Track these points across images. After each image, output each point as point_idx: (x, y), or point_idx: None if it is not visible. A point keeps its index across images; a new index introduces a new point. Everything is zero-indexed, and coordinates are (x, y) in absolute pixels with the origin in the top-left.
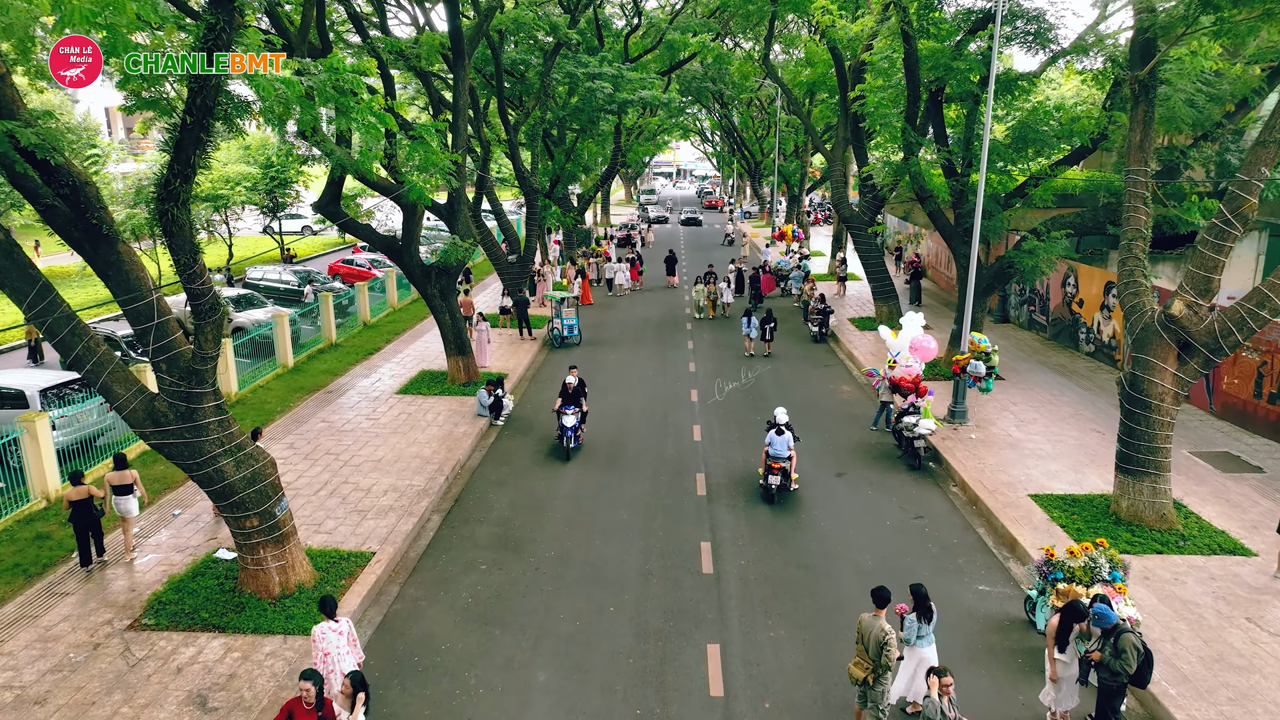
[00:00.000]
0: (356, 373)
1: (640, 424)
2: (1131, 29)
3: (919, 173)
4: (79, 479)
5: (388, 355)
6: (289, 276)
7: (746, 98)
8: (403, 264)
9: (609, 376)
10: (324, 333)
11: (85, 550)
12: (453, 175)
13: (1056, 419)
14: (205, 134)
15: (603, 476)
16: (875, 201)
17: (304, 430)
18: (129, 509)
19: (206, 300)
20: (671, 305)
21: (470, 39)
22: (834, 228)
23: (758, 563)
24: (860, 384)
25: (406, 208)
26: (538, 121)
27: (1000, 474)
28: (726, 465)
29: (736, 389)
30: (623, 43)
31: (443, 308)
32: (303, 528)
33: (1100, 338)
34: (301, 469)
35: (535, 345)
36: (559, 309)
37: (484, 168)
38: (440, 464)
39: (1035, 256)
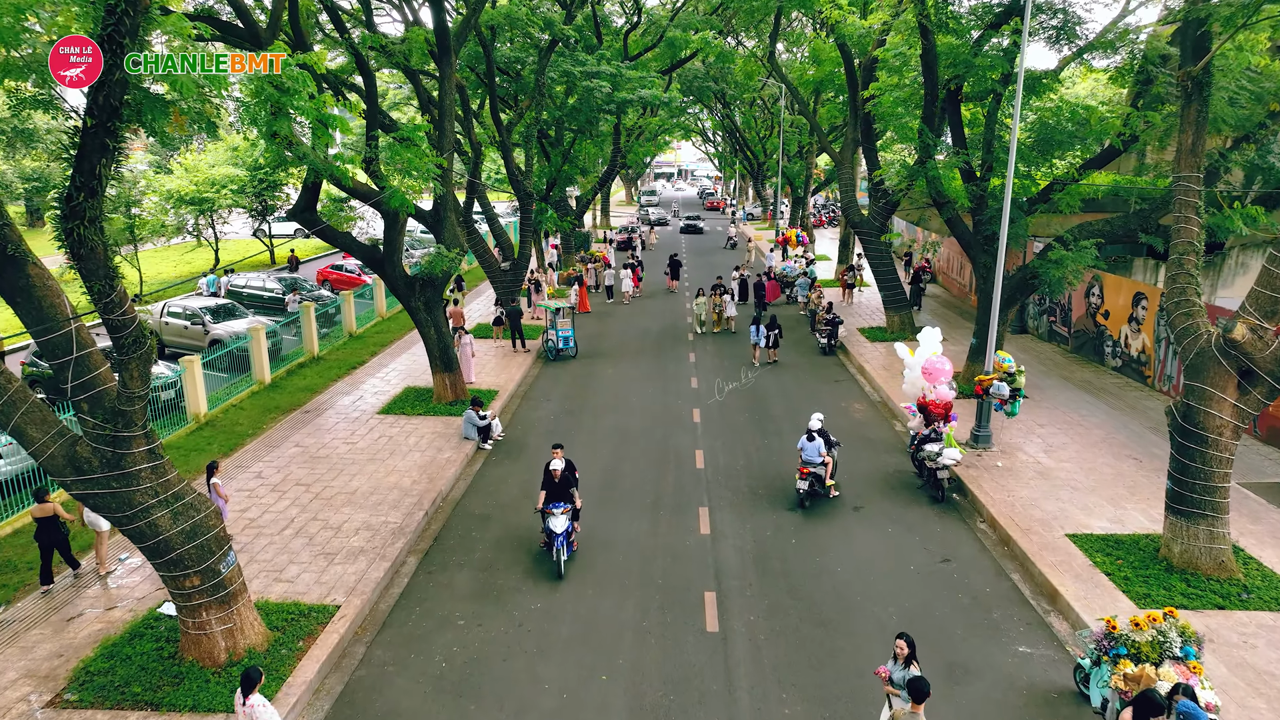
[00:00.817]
0: (338, 390)
1: (639, 449)
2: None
3: (936, 177)
4: (43, 496)
5: (372, 370)
6: (272, 284)
7: (750, 97)
8: (385, 275)
9: (606, 394)
10: (305, 345)
11: (47, 569)
12: (438, 179)
13: (1088, 444)
14: (113, 140)
15: (596, 512)
16: (887, 207)
17: (275, 457)
18: (99, 523)
19: (129, 333)
20: (673, 314)
21: (457, 34)
22: (841, 232)
23: (769, 617)
24: (873, 402)
25: (388, 215)
26: (533, 122)
27: (1032, 509)
28: (732, 497)
29: (740, 408)
30: (622, 41)
31: (428, 321)
32: (261, 575)
33: (1128, 352)
34: (268, 502)
35: (529, 359)
36: (554, 320)
37: (475, 171)
38: (420, 496)
39: (1063, 267)
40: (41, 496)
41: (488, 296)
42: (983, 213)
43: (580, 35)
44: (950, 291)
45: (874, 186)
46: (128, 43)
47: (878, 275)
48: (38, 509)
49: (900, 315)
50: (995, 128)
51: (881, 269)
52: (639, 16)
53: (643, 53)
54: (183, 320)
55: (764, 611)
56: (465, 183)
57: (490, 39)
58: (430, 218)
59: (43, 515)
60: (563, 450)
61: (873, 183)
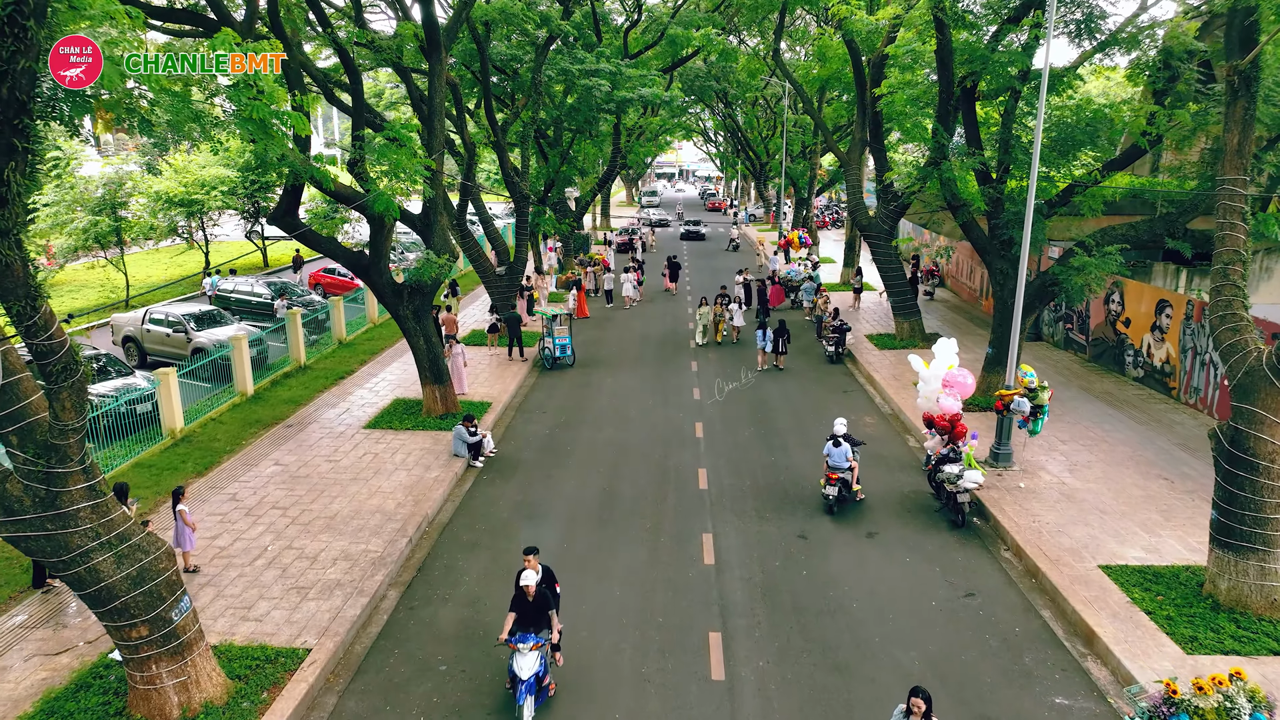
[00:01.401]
0: (323, 401)
1: (638, 467)
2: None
3: (952, 179)
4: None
5: (360, 380)
6: (261, 289)
7: (752, 97)
8: (371, 282)
9: (604, 406)
10: (291, 354)
11: (40, 571)
12: (428, 181)
13: (1114, 462)
14: (24, 140)
15: (593, 537)
16: (896, 209)
17: (252, 477)
18: None
19: (58, 359)
20: (674, 319)
21: (448, 29)
22: (846, 234)
23: (779, 662)
24: (885, 415)
25: (373, 219)
26: (529, 121)
27: (1060, 536)
28: (737, 522)
29: (745, 421)
30: (622, 39)
31: (416, 331)
32: (227, 614)
33: (1151, 362)
34: (240, 529)
35: (524, 368)
36: (550, 327)
37: (468, 172)
38: (405, 521)
39: (1086, 274)
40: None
41: (483, 302)
42: (999, 216)
43: (579, 33)
44: (960, 296)
45: (883, 188)
46: (32, 25)
47: (886, 280)
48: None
49: (910, 322)
50: (1012, 127)
51: (890, 274)
52: (639, 14)
53: (643, 51)
54: (164, 328)
55: (774, 655)
56: (459, 184)
57: (485, 35)
58: (419, 222)
59: None
60: (537, 556)
61: (882, 184)
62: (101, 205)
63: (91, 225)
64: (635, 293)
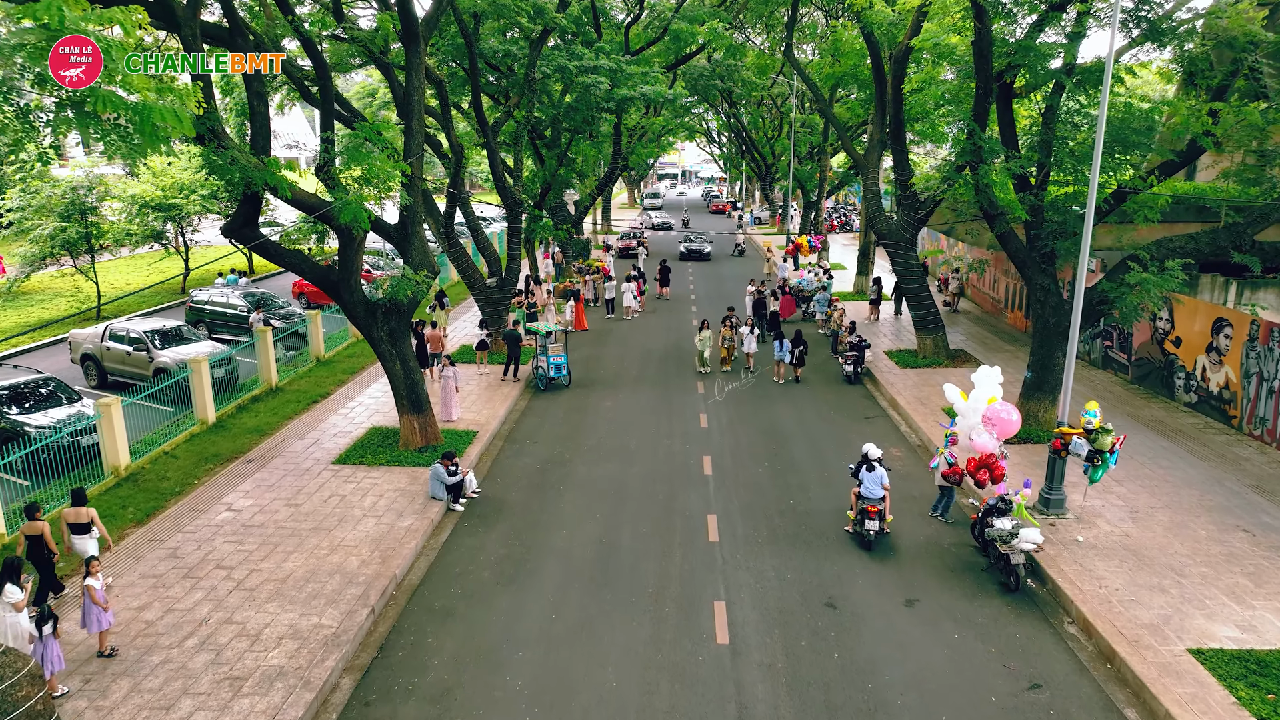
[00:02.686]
0: (292, 430)
1: (639, 513)
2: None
3: (989, 185)
4: (34, 513)
5: (336, 404)
6: (236, 300)
7: (758, 96)
8: (341, 301)
9: (602, 435)
10: (262, 375)
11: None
12: (405, 187)
13: (1181, 507)
14: None
15: (587, 605)
16: (918, 217)
17: (199, 526)
18: (86, 549)
19: None
20: (678, 333)
21: (427, 20)
22: (859, 241)
23: None
24: (913, 446)
25: (341, 232)
26: (523, 121)
27: (1135, 606)
28: (755, 585)
29: (759, 455)
30: (623, 35)
31: (392, 355)
32: (140, 716)
33: (1206, 387)
34: (175, 595)
35: (517, 389)
36: (544, 345)
37: (456, 176)
38: (368, 584)
39: (1144, 292)
40: (33, 513)
41: (474, 315)
42: (1040, 226)
43: (577, 28)
44: (981, 307)
45: (904, 193)
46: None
47: (908, 293)
48: (28, 526)
49: (933, 338)
50: (1055, 126)
51: (912, 285)
52: (641, 8)
53: (645, 47)
54: (124, 345)
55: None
56: (446, 189)
57: (474, 28)
58: (395, 233)
59: (32, 533)
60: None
61: (903, 189)
62: (69, 210)
63: (58, 231)
64: (636, 303)
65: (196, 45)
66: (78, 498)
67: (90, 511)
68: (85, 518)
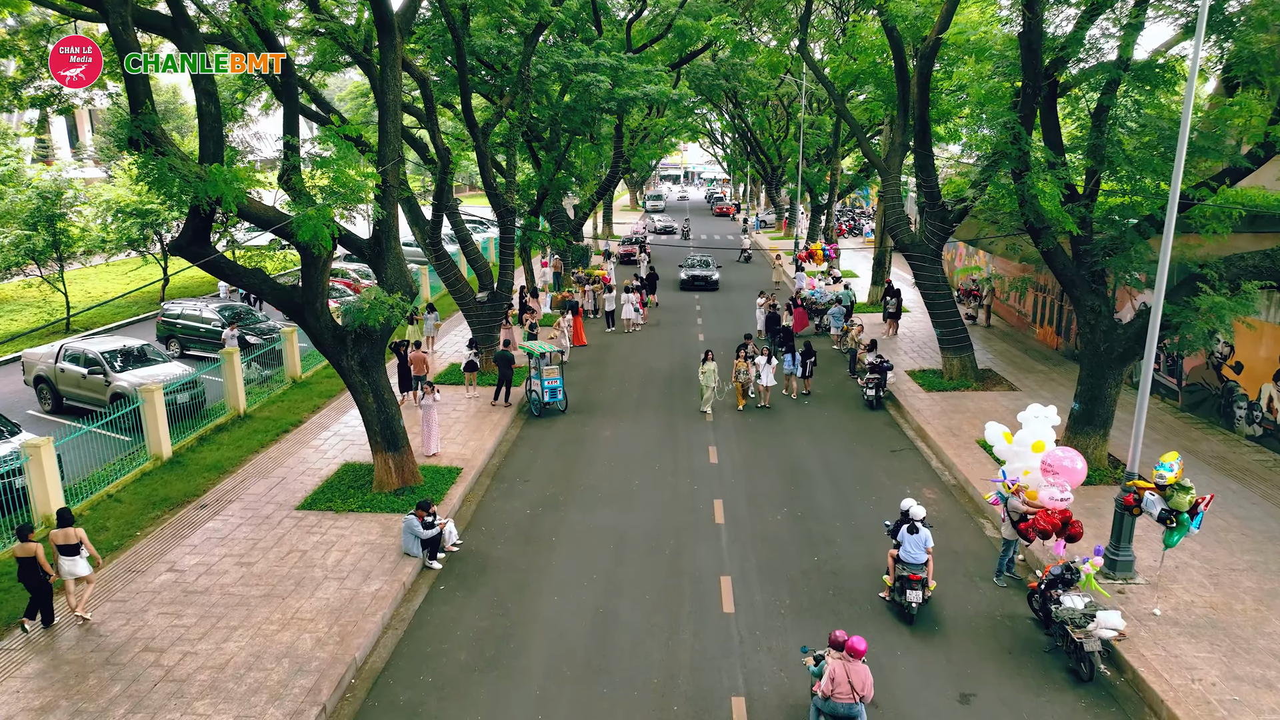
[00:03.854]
0: (256, 467)
1: (641, 573)
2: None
3: (1034, 195)
4: (26, 534)
5: (308, 434)
6: (210, 314)
7: (765, 96)
8: (306, 326)
9: (600, 471)
10: (229, 401)
11: (48, 608)
12: (378, 199)
13: (1270, 570)
14: None
15: (580, 703)
16: (943, 227)
17: (133, 592)
18: (75, 570)
19: None
20: (684, 349)
21: (405, 9)
22: (874, 248)
23: None
24: (947, 485)
25: (302, 250)
26: (516, 123)
27: (1241, 711)
28: (779, 673)
29: (777, 498)
30: (624, 32)
31: (364, 387)
32: None
33: (1274, 419)
34: (87, 692)
35: (508, 415)
36: (538, 366)
37: (442, 183)
38: (322, 672)
39: (1215, 317)
40: (25, 534)
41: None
42: (1090, 241)
43: (576, 23)
44: (1006, 321)
45: (930, 201)
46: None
47: (933, 308)
48: (20, 549)
49: (961, 359)
50: (1106, 128)
51: (938, 301)
52: (643, 4)
53: (648, 45)
54: (80, 366)
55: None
56: (434, 195)
57: (462, 20)
58: (368, 249)
59: (25, 555)
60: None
61: (929, 197)
62: (35, 217)
63: (22, 240)
64: (638, 316)
65: (128, 35)
66: (64, 518)
67: (78, 532)
68: (74, 538)
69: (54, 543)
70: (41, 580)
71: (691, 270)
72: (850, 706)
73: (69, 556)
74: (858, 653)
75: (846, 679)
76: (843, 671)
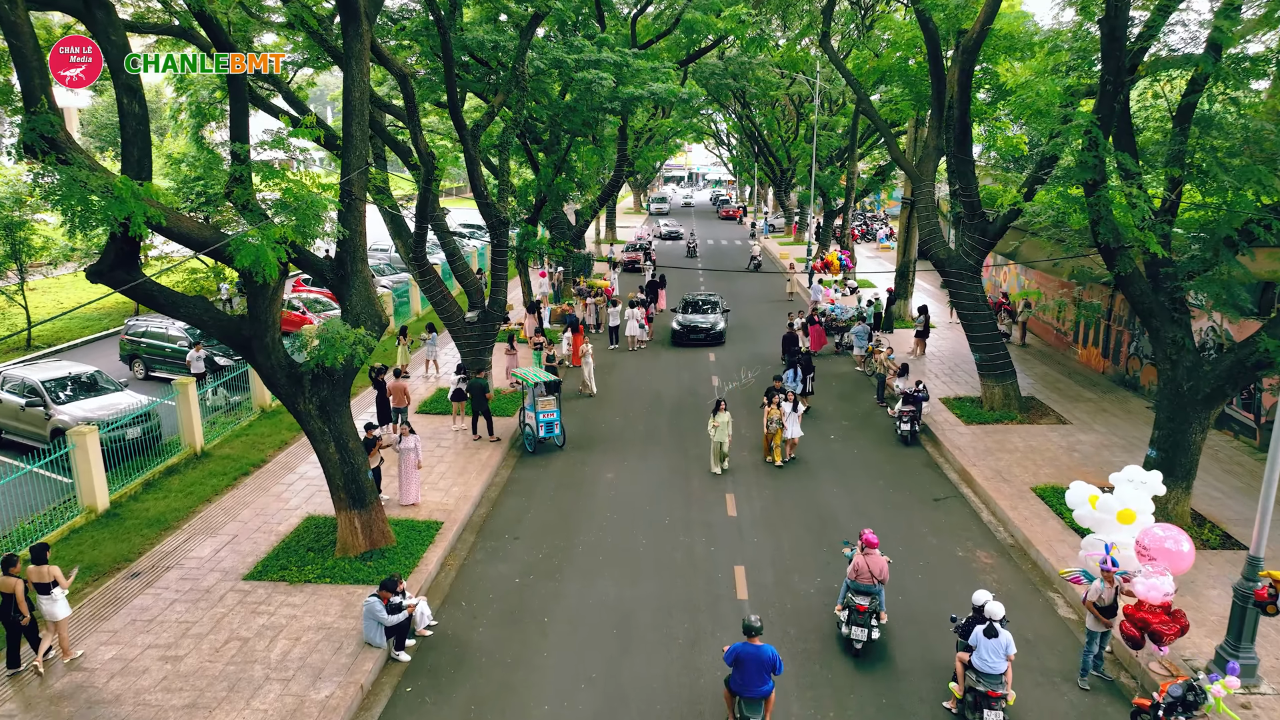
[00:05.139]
0: (205, 521)
1: (649, 673)
2: None
3: (1108, 210)
4: (10, 566)
5: (270, 477)
6: (176, 333)
7: (774, 96)
8: (255, 364)
9: (601, 525)
10: (184, 438)
11: (14, 650)
12: (340, 216)
13: None
14: None
15: None
16: (984, 240)
17: (26, 701)
18: (54, 612)
19: None
20: (693, 371)
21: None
22: (899, 258)
23: None
24: (1002, 545)
25: (245, 276)
26: (511, 123)
27: None
28: None
29: (808, 564)
30: (629, 27)
31: (324, 434)
32: None
33: None
34: None
35: (498, 452)
36: (533, 397)
37: (423, 197)
38: None
39: None
40: (8, 567)
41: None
42: (1172, 263)
43: (578, 17)
44: (1043, 340)
45: (969, 211)
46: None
47: (971, 330)
48: (1, 582)
49: (1004, 387)
50: (1195, 130)
51: (978, 322)
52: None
53: (654, 40)
54: (17, 397)
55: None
56: (417, 206)
57: (449, 6)
58: (329, 273)
59: (5, 590)
60: None
61: (969, 208)
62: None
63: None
64: (643, 332)
65: (11, 14)
66: (38, 555)
67: (54, 570)
68: (48, 576)
69: (29, 580)
70: (14, 619)
71: (687, 317)
72: (870, 587)
73: (44, 595)
74: (872, 545)
75: (867, 568)
76: (864, 561)
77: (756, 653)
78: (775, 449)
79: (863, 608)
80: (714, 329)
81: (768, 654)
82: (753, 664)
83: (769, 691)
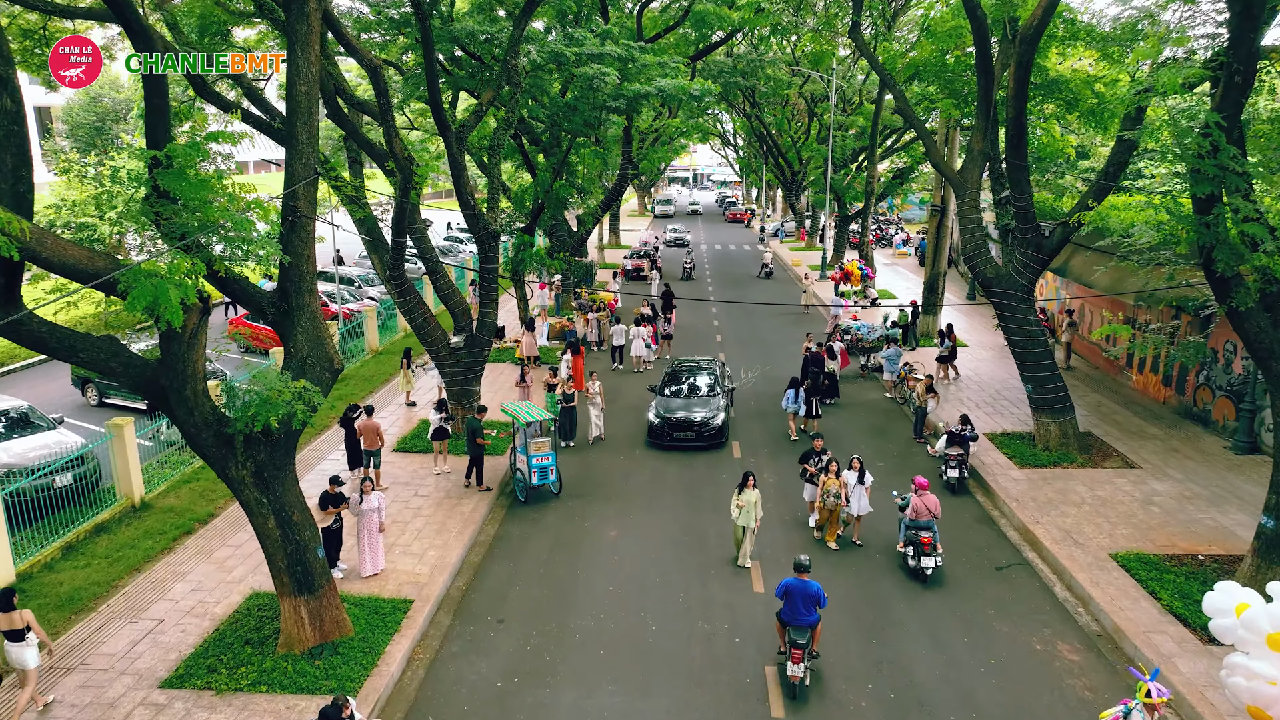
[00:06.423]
0: (128, 599)
1: None
2: None
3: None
4: (9, 603)
5: (217, 537)
6: None
7: (785, 95)
8: (174, 418)
9: (602, 603)
10: (119, 485)
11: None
12: (282, 239)
13: None
14: None
15: None
16: (1038, 256)
17: None
18: (24, 660)
19: None
20: None
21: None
22: (926, 270)
23: None
24: (1088, 633)
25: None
26: (502, 125)
27: None
28: None
29: (858, 669)
30: (635, 20)
31: (261, 506)
32: None
33: None
34: None
35: (484, 503)
36: (524, 437)
37: (403, 201)
38: None
39: None
40: (8, 604)
41: None
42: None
43: (579, 8)
44: (1089, 362)
45: (1022, 224)
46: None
47: (1023, 358)
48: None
49: (1060, 423)
50: None
51: (1031, 350)
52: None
53: (661, 34)
54: None
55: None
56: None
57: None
58: (269, 308)
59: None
60: None
61: (1023, 221)
62: None
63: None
64: (649, 352)
65: None
66: (5, 601)
67: (26, 615)
68: (20, 622)
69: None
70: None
71: (668, 404)
72: (928, 522)
73: (15, 643)
74: (923, 486)
75: (924, 506)
76: (919, 502)
77: (803, 587)
78: (828, 527)
79: (927, 541)
80: (708, 425)
81: (813, 588)
82: (800, 596)
83: (815, 622)
